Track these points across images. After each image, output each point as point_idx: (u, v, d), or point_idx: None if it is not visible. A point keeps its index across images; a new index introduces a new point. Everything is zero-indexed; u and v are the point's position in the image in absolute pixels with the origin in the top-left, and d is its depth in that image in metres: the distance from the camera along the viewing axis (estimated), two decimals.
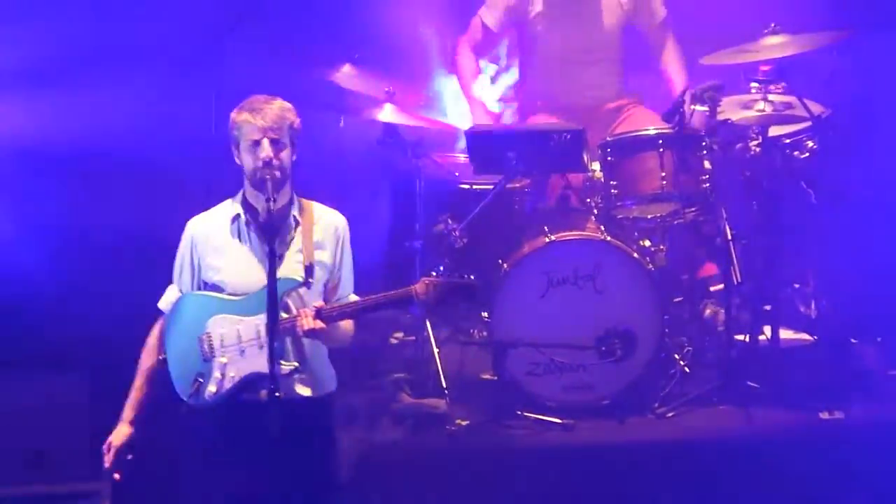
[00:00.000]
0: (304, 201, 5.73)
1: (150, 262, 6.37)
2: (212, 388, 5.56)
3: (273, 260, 5.42)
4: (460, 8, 8.17)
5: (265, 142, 5.56)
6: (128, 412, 5.69)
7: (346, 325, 5.69)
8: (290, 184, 5.68)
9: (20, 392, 6.95)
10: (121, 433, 5.65)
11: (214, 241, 5.67)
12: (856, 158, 7.52)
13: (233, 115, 5.64)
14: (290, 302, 5.62)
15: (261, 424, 5.41)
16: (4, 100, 7.58)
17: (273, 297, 5.40)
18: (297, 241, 5.66)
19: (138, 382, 5.72)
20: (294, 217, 5.67)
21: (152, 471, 6.14)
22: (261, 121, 5.56)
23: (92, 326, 7.17)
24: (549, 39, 7.78)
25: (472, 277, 5.73)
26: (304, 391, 5.62)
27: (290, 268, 5.60)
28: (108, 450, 5.63)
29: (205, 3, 7.90)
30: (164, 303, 5.75)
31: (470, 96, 7.88)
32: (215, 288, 5.65)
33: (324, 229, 5.71)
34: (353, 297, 5.72)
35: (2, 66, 7.54)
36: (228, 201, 5.73)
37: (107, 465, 5.62)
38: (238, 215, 5.66)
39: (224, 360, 5.56)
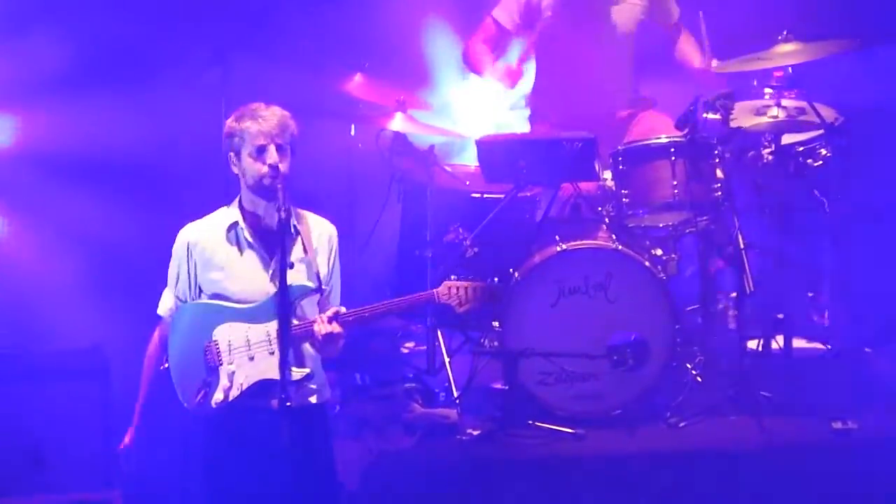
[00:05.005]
0: (298, 210, 5.71)
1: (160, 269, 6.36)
2: (219, 395, 5.54)
3: (285, 268, 5.39)
4: (471, 16, 8.13)
5: (271, 147, 5.53)
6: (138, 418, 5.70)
7: None
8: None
9: (31, 399, 6.94)
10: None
11: (212, 250, 5.63)
12: (869, 166, 7.48)
13: (230, 122, 5.60)
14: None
15: (267, 431, 5.39)
16: (17, 110, 7.64)
17: (286, 304, 5.38)
18: (298, 250, 5.64)
19: (144, 391, 5.71)
20: (294, 226, 5.65)
21: (159, 479, 6.13)
22: (266, 126, 5.53)
23: (104, 333, 7.18)
24: (563, 45, 7.73)
25: (496, 280, 5.67)
26: (311, 398, 5.61)
27: (297, 276, 5.58)
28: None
29: (214, 13, 7.92)
30: (163, 309, 5.73)
31: (489, 72, 7.70)
32: (216, 297, 5.62)
33: (318, 238, 5.70)
34: (342, 308, 5.67)
35: (16, 78, 7.60)
36: (223, 209, 5.69)
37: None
38: (235, 223, 5.63)
39: (232, 367, 5.54)
